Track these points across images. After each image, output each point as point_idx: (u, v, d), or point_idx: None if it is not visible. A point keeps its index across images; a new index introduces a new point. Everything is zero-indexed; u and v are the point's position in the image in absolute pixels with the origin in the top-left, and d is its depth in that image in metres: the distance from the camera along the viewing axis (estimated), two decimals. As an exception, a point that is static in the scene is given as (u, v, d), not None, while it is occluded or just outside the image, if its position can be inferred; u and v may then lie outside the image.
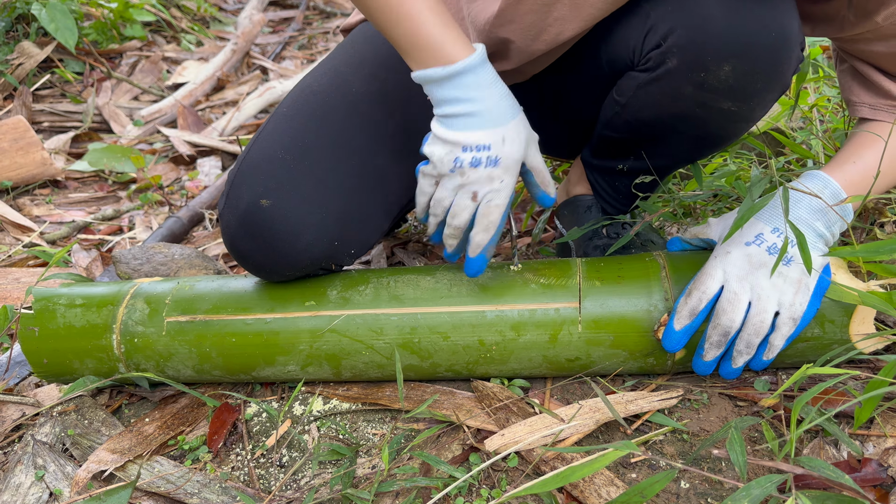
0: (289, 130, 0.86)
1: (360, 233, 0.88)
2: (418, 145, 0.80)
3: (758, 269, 0.73)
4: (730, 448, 0.62)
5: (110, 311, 0.88)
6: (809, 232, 0.74)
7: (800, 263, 0.72)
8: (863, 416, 0.68)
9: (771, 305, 0.72)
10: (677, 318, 0.75)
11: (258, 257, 0.83)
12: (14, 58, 2.28)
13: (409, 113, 0.90)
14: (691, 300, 0.75)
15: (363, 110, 0.89)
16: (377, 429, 0.85)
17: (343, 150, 0.86)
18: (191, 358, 0.86)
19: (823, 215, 0.74)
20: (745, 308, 0.73)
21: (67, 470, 0.82)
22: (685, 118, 0.85)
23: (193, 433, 0.87)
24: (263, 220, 0.81)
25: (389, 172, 0.90)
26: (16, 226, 1.54)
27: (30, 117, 2.11)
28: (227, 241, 0.85)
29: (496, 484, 0.74)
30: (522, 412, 0.81)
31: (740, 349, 0.74)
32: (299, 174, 0.83)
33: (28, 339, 0.88)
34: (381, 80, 0.91)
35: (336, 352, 0.84)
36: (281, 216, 0.81)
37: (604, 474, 0.72)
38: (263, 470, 0.81)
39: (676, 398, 0.80)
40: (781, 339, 0.74)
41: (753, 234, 0.75)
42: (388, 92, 0.91)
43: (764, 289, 0.73)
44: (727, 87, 0.79)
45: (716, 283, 0.74)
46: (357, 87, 0.90)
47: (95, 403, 0.92)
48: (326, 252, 0.84)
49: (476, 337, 0.81)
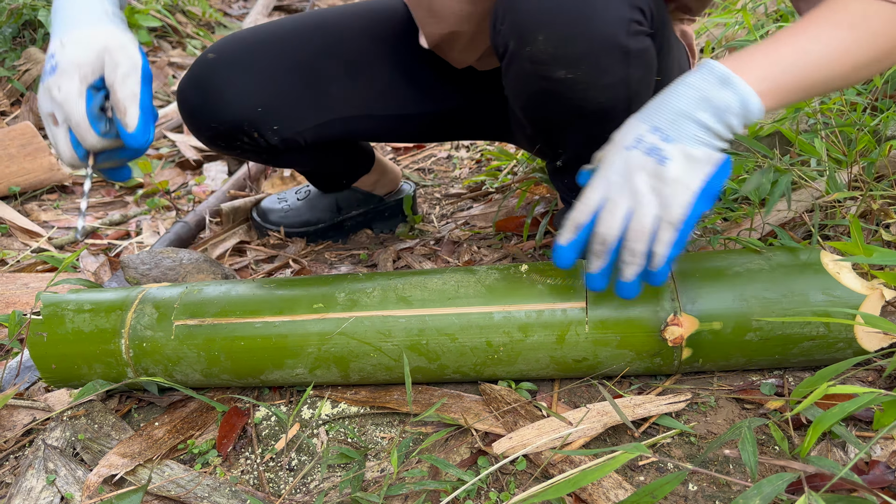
0: (261, 27, 1.08)
1: (284, 113, 1.04)
2: (367, 74, 1.06)
3: (636, 173, 0.68)
4: (742, 448, 0.62)
5: (119, 315, 0.89)
6: (690, 124, 0.67)
7: (677, 161, 0.67)
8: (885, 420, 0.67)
9: (650, 209, 0.68)
10: (562, 233, 0.73)
11: (195, 103, 1.02)
12: (21, 64, 2.29)
13: (375, 45, 1.09)
14: (574, 213, 0.72)
15: (327, 30, 1.09)
16: (386, 432, 0.85)
17: (293, 45, 1.06)
18: (199, 362, 0.87)
19: (707, 103, 0.67)
20: (622, 215, 0.69)
21: (78, 474, 0.83)
22: (545, 96, 0.84)
23: (203, 437, 0.88)
24: (204, 71, 1.01)
25: (330, 79, 1.07)
26: (24, 231, 1.55)
27: (37, 123, 2.12)
28: (178, 96, 1.03)
29: (505, 487, 0.74)
30: (530, 415, 0.81)
31: (625, 259, 0.71)
32: (250, 48, 1.03)
33: (36, 345, 0.89)
34: (362, 15, 1.12)
35: (344, 354, 0.84)
36: (220, 68, 1.00)
37: (612, 477, 0.72)
38: (273, 474, 0.81)
39: (684, 402, 0.80)
40: (664, 246, 0.69)
41: (633, 136, 0.69)
42: (362, 25, 1.10)
43: (643, 193, 0.68)
44: (550, 56, 0.78)
45: (597, 194, 0.71)
46: (330, 17, 1.11)
47: (105, 408, 0.93)
48: (249, 115, 1.01)
49: (484, 338, 0.82)
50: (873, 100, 1.19)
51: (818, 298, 0.77)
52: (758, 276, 0.79)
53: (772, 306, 0.77)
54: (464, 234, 1.36)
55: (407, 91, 1.11)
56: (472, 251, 1.28)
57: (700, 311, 0.78)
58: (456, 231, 1.38)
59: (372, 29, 1.10)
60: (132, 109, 0.72)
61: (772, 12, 1.67)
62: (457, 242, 1.33)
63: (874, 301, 0.76)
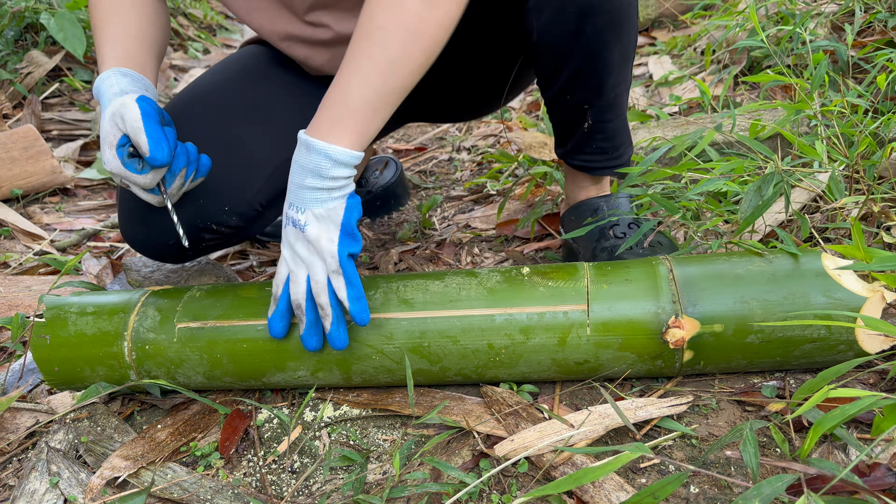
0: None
1: (227, 193, 0.97)
2: (273, 114, 0.99)
3: (296, 244, 0.80)
4: (743, 449, 0.62)
5: (121, 318, 0.89)
6: (306, 192, 0.78)
7: (313, 224, 0.78)
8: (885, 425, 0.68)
9: (318, 268, 0.78)
10: (269, 307, 0.83)
11: (140, 238, 0.98)
12: (23, 67, 2.30)
13: (262, 89, 1.04)
14: (272, 289, 0.83)
15: (209, 99, 1.03)
16: (388, 434, 0.85)
17: (193, 131, 0.98)
18: (202, 364, 0.87)
19: (305, 170, 0.78)
20: (303, 280, 0.80)
21: (81, 477, 0.83)
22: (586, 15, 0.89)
23: (205, 439, 0.88)
24: (133, 203, 0.96)
25: (245, 138, 1.00)
26: (26, 234, 1.55)
27: (39, 126, 2.13)
28: (122, 234, 1.00)
29: (506, 489, 0.75)
30: (532, 418, 0.82)
31: (320, 314, 0.80)
32: None
33: (39, 348, 0.89)
34: (233, 71, 1.07)
35: (346, 357, 0.84)
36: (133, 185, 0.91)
37: (613, 479, 0.72)
38: (275, 476, 0.82)
39: (686, 404, 0.80)
40: (342, 291, 0.78)
41: (285, 216, 0.81)
42: (240, 79, 1.05)
43: (305, 258, 0.79)
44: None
45: (283, 269, 0.82)
46: (204, 85, 1.05)
47: (108, 410, 0.93)
48: (197, 214, 0.95)
49: (485, 341, 0.82)
50: (875, 102, 1.20)
51: (819, 301, 0.77)
52: (759, 279, 0.79)
53: (773, 308, 0.77)
54: (465, 236, 1.36)
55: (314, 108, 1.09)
56: (473, 253, 1.28)
57: (701, 313, 0.78)
58: (457, 233, 1.38)
59: (249, 74, 1.06)
60: (141, 140, 0.84)
61: (773, 14, 1.67)
62: (458, 245, 1.33)
63: (875, 303, 0.76)
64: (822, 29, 1.52)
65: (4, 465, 0.88)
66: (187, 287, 0.93)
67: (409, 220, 1.47)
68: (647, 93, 1.87)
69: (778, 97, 1.49)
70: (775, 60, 1.55)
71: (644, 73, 2.03)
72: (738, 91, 1.64)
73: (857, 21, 1.41)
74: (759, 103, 1.08)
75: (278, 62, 1.07)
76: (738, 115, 1.33)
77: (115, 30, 0.95)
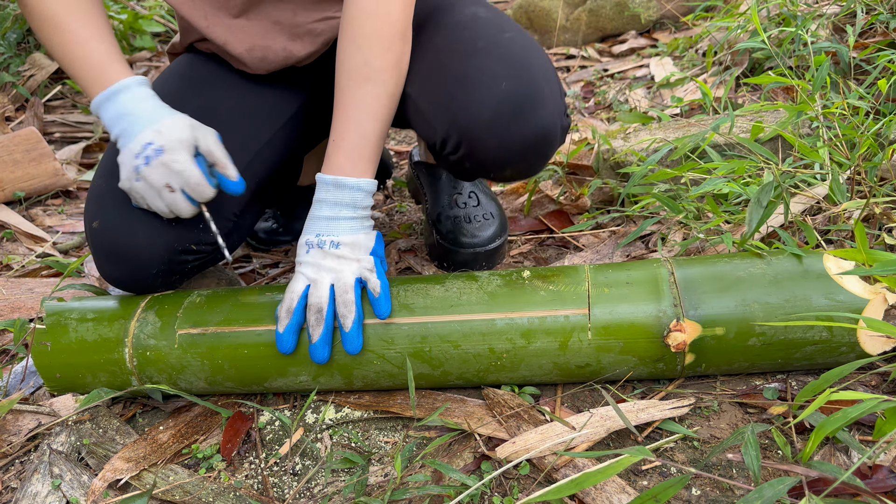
0: (106, 159, 0.96)
1: (190, 227, 0.94)
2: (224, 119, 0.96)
3: (324, 260, 0.84)
4: (745, 452, 0.62)
5: (122, 324, 0.89)
6: (339, 223, 0.85)
7: (347, 245, 0.84)
8: (887, 427, 0.68)
9: (349, 269, 0.83)
10: (279, 322, 0.83)
11: (119, 276, 0.93)
12: (26, 69, 2.30)
13: (206, 96, 1.02)
14: (285, 302, 0.83)
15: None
16: (389, 437, 0.85)
17: None
18: (203, 370, 0.87)
19: (340, 205, 0.86)
20: (328, 287, 0.83)
21: (83, 479, 0.83)
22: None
23: (207, 441, 0.88)
24: (101, 240, 0.92)
25: None
26: (29, 236, 1.55)
27: (41, 128, 2.13)
28: (100, 271, 0.95)
29: (508, 492, 0.75)
30: (533, 420, 0.82)
31: (342, 312, 0.82)
32: (112, 192, 0.92)
33: (40, 354, 0.89)
34: (175, 83, 1.04)
35: (347, 361, 0.84)
36: (111, 229, 0.91)
37: (615, 481, 0.72)
38: (277, 478, 0.82)
39: (688, 406, 0.80)
40: (375, 284, 0.83)
41: (310, 244, 0.85)
42: (184, 88, 1.03)
43: (335, 269, 0.83)
44: (511, 176, 0.93)
45: (300, 284, 0.84)
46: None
47: (110, 412, 0.93)
48: (173, 240, 0.92)
49: (486, 345, 0.82)
50: (876, 103, 1.20)
51: (821, 303, 0.77)
52: (760, 281, 0.79)
53: (774, 311, 0.77)
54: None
55: (259, 107, 1.06)
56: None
57: (702, 316, 0.78)
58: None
59: (192, 82, 1.04)
60: (230, 165, 0.89)
61: (774, 15, 1.67)
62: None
63: (877, 305, 0.76)
64: (823, 30, 1.52)
65: (6, 467, 0.89)
66: (188, 292, 0.93)
67: (413, 221, 1.47)
68: (649, 94, 1.87)
69: (779, 99, 1.49)
70: (777, 62, 1.55)
71: (646, 74, 2.03)
72: (740, 92, 1.64)
73: (859, 22, 1.41)
74: (761, 105, 1.08)
75: (214, 66, 1.06)
76: (740, 117, 1.33)
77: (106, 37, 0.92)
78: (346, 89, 0.87)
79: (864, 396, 0.60)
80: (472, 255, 1.16)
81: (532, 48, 0.90)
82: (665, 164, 1.24)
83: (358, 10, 0.85)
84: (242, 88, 1.04)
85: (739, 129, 1.27)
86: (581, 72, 2.20)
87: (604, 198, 1.34)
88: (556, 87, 0.89)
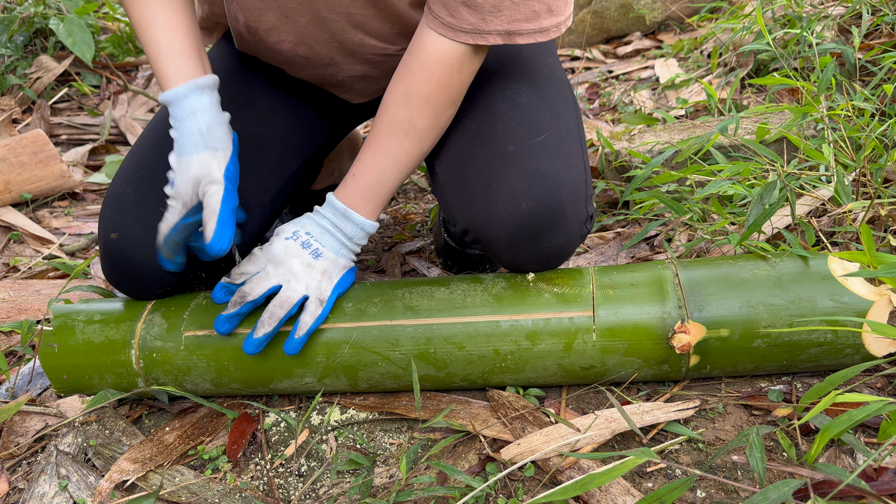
0: (131, 164, 0.96)
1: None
2: (245, 159, 0.92)
3: (292, 258, 0.84)
4: (750, 454, 0.62)
5: (129, 326, 0.89)
6: (330, 238, 0.86)
7: (327, 259, 0.85)
8: (892, 429, 0.68)
9: (300, 286, 0.83)
10: (231, 305, 0.84)
11: (124, 282, 0.92)
12: (32, 72, 2.32)
13: (249, 130, 0.98)
14: (245, 289, 0.84)
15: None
16: (394, 438, 0.86)
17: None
18: (209, 372, 0.88)
19: (339, 230, 0.87)
20: (270, 285, 0.83)
21: (90, 480, 0.84)
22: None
23: (213, 443, 0.89)
24: (117, 252, 0.90)
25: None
26: (35, 238, 1.56)
27: (48, 130, 2.14)
28: (107, 278, 0.94)
29: (513, 493, 0.75)
30: (538, 421, 0.82)
31: (263, 319, 0.82)
32: (138, 205, 0.91)
33: (48, 356, 0.90)
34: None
35: (353, 363, 0.85)
36: (130, 245, 0.90)
37: (620, 483, 0.72)
38: (282, 479, 0.82)
39: (693, 409, 0.80)
40: (310, 316, 0.83)
41: (292, 231, 0.86)
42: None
43: (296, 273, 0.83)
44: (530, 262, 0.88)
45: (255, 267, 0.86)
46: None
47: (116, 413, 0.94)
48: (189, 260, 0.91)
49: (491, 347, 0.82)
50: (882, 105, 1.19)
51: (826, 304, 0.77)
52: (765, 283, 0.79)
53: (779, 313, 0.77)
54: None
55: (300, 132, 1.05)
56: (479, 257, 1.28)
57: (707, 318, 0.78)
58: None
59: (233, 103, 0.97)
60: (210, 224, 0.83)
61: (779, 16, 1.67)
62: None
63: (882, 307, 0.76)
64: (829, 32, 1.52)
65: (14, 468, 0.89)
66: (194, 294, 0.93)
67: (417, 223, 1.48)
68: (654, 96, 1.87)
69: (785, 100, 1.49)
70: (782, 63, 1.55)
71: (650, 76, 2.03)
72: (745, 94, 1.64)
73: (865, 24, 1.40)
74: (766, 106, 1.08)
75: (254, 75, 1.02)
76: (745, 119, 1.33)
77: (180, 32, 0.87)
78: (383, 136, 0.86)
79: (869, 398, 0.60)
80: (479, 257, 1.17)
81: (562, 154, 0.85)
82: (670, 165, 1.24)
83: (419, 66, 0.83)
84: (281, 111, 1.03)
85: (744, 130, 1.26)
86: (586, 73, 2.20)
87: (609, 200, 1.34)
88: (580, 198, 0.85)
